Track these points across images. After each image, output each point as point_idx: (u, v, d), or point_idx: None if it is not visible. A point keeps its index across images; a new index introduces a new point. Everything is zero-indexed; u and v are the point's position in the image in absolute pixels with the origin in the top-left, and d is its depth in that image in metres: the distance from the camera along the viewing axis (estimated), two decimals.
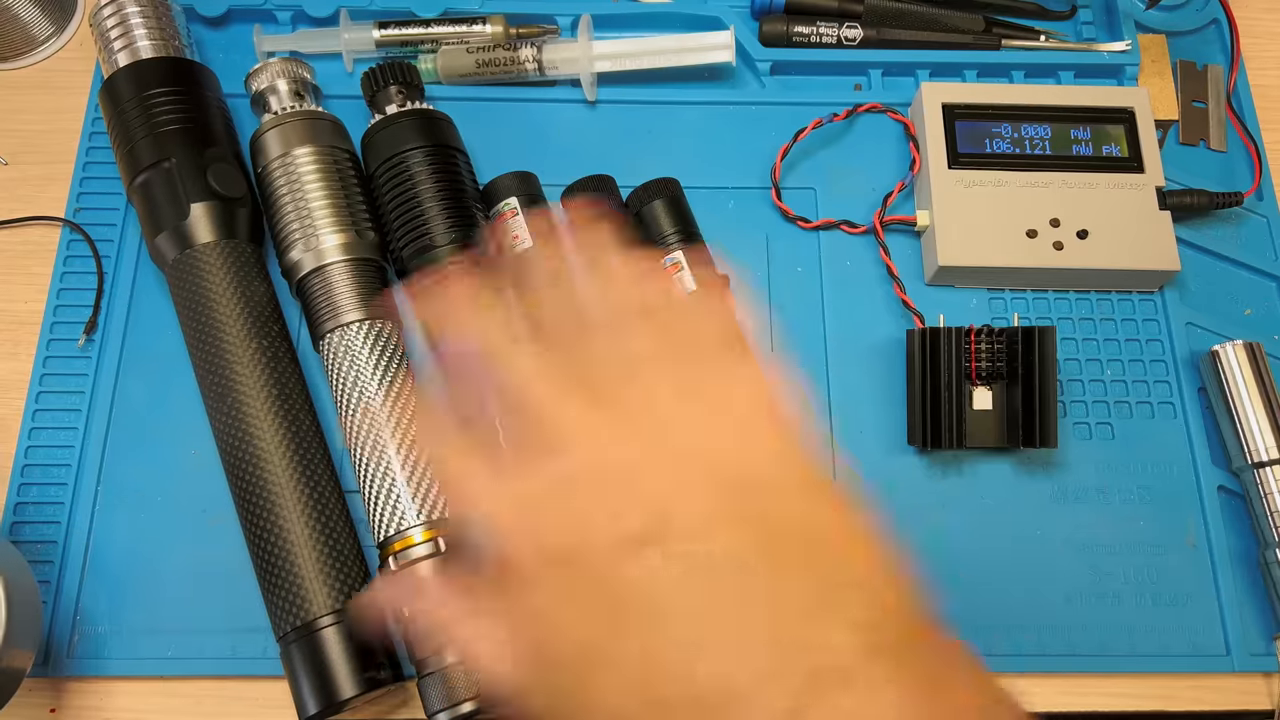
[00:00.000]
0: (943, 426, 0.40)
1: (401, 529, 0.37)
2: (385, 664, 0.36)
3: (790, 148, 0.45)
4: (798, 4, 0.49)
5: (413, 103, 0.43)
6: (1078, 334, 0.44)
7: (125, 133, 0.40)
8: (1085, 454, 0.42)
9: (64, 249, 0.44)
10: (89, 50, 0.48)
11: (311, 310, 0.40)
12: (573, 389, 0.24)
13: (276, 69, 0.42)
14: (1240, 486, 0.42)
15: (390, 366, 0.39)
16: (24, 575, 0.36)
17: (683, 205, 0.43)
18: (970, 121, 0.45)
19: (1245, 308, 0.45)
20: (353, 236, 0.40)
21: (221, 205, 0.40)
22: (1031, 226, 0.43)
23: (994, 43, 0.49)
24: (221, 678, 0.38)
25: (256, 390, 0.38)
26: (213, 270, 0.39)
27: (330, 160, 0.41)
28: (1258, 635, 0.40)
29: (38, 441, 0.41)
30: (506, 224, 0.42)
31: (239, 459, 0.37)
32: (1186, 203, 0.45)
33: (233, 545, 0.39)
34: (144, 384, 0.42)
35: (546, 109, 0.48)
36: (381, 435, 0.38)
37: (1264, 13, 0.52)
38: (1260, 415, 0.40)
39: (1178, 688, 0.39)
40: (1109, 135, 0.45)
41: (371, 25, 0.47)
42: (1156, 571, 0.40)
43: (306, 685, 0.35)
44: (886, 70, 0.49)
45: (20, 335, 0.43)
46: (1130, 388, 0.43)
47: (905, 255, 0.45)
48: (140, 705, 0.38)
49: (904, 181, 0.45)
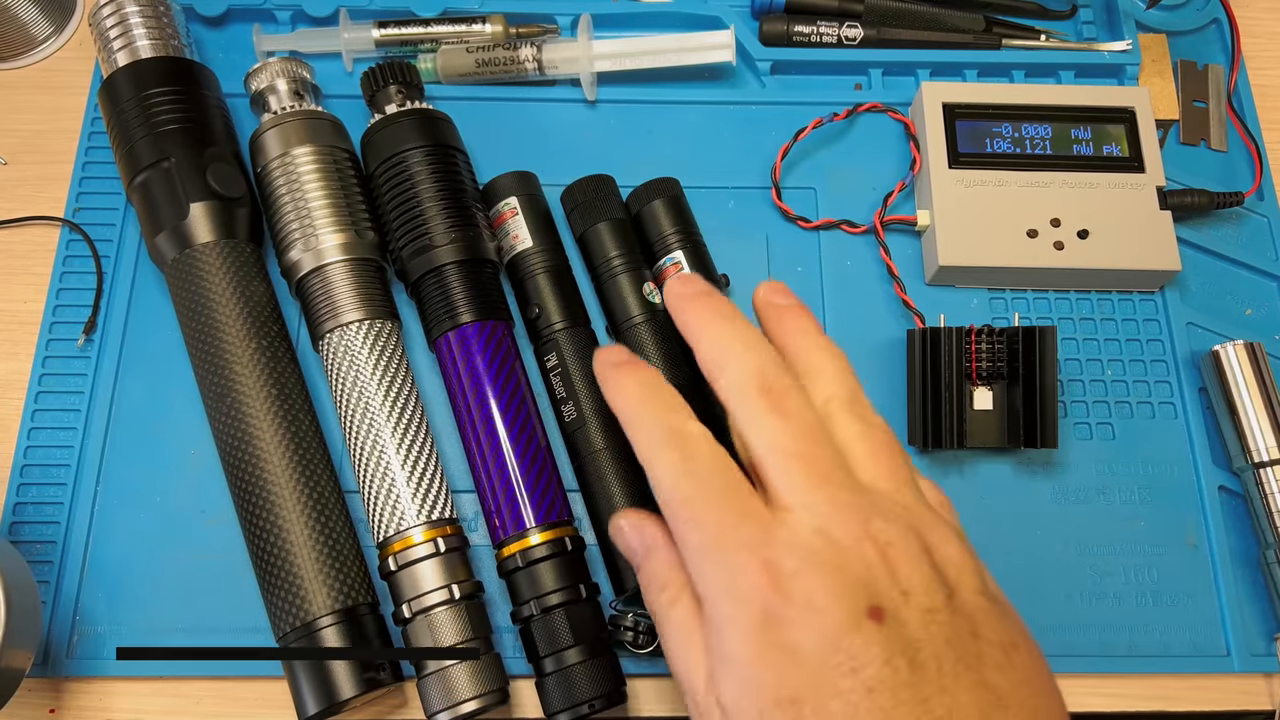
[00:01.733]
0: (943, 426, 0.40)
1: (401, 529, 0.37)
2: (385, 664, 0.36)
3: (790, 147, 0.45)
4: (798, 3, 0.49)
5: (412, 102, 0.42)
6: (1078, 334, 0.44)
7: (124, 132, 0.40)
8: (1085, 454, 0.42)
9: (63, 249, 0.44)
10: (88, 50, 0.48)
11: (311, 310, 0.40)
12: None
13: (276, 69, 0.42)
14: (1241, 486, 0.42)
15: (390, 366, 0.39)
16: (24, 575, 0.36)
17: (682, 205, 0.43)
18: (971, 121, 0.45)
19: (1246, 308, 0.45)
20: (352, 236, 0.40)
21: (221, 205, 0.40)
22: (1032, 226, 0.43)
23: (994, 42, 0.49)
24: (221, 678, 0.38)
25: (256, 390, 0.38)
26: (212, 270, 0.39)
27: (330, 160, 0.41)
28: (1258, 635, 0.40)
29: (37, 441, 0.41)
30: (506, 224, 0.42)
31: (239, 459, 0.37)
32: (1187, 202, 0.45)
33: (232, 545, 0.39)
34: (143, 384, 0.42)
35: (546, 109, 0.48)
36: (381, 435, 0.38)
37: (1264, 12, 0.52)
38: (1261, 415, 0.40)
39: (1178, 688, 0.39)
40: (1109, 135, 0.45)
41: (371, 25, 0.47)
42: (1156, 571, 0.40)
43: (306, 685, 0.35)
44: (887, 70, 0.49)
45: (19, 335, 0.43)
46: (1131, 388, 0.43)
47: (905, 255, 0.45)
48: (140, 705, 0.38)
49: (904, 181, 0.45)
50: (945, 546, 0.26)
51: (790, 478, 0.26)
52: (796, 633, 0.24)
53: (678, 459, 0.27)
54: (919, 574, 0.25)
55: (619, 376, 0.30)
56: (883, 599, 0.25)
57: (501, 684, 0.36)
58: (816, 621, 0.24)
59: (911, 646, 0.24)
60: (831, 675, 0.24)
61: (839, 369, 0.29)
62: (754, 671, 0.25)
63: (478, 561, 0.39)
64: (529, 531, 0.37)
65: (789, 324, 0.31)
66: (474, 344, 0.39)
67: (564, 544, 0.37)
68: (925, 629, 0.24)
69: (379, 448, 0.38)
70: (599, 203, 0.42)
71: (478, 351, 0.39)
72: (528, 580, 0.36)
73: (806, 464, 0.27)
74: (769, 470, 0.27)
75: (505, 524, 0.37)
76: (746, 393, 0.28)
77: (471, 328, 0.39)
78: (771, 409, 0.27)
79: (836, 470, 0.27)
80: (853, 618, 0.24)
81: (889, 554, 0.25)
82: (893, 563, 0.25)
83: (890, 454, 0.28)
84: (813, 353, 0.30)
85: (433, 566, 0.36)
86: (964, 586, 0.26)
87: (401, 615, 0.36)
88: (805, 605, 0.24)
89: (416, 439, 0.38)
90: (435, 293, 0.40)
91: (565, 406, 0.39)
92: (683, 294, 0.31)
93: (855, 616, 0.24)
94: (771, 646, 0.24)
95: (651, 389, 0.29)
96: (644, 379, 0.30)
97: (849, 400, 0.29)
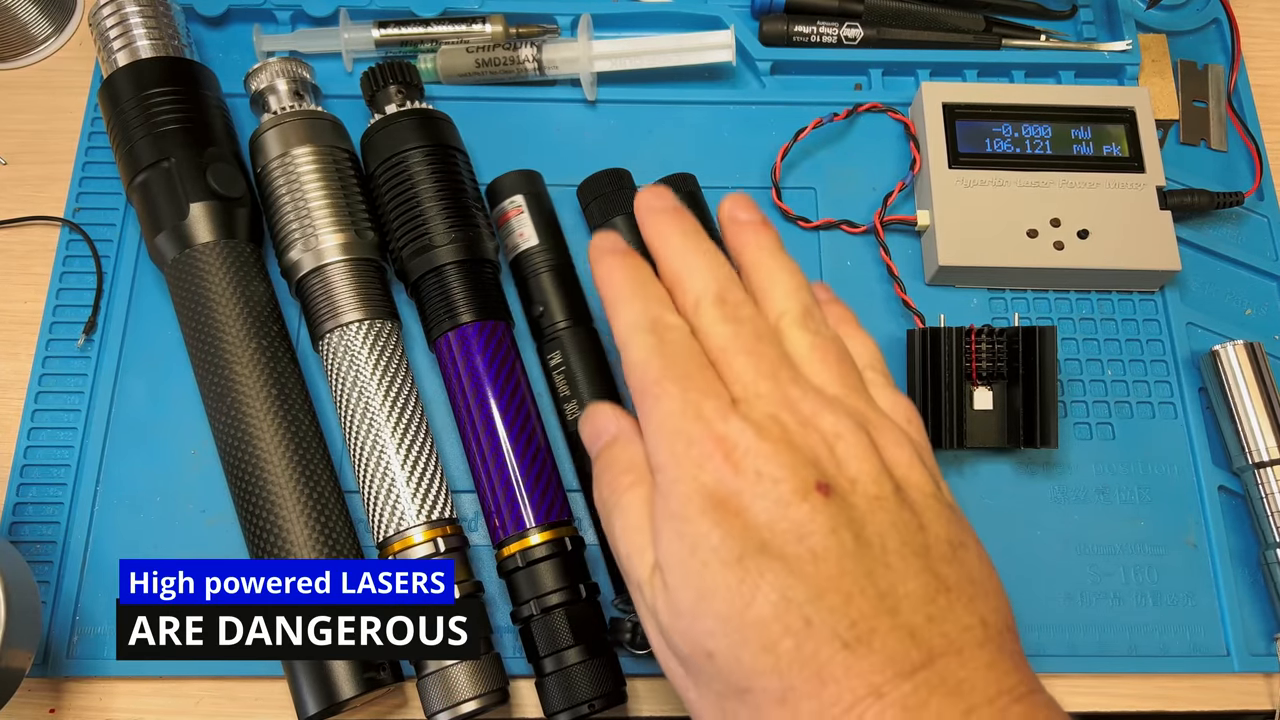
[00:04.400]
0: (943, 426, 0.40)
1: (401, 529, 0.37)
2: (385, 664, 0.36)
3: (790, 147, 0.45)
4: (798, 3, 0.49)
5: (412, 102, 0.43)
6: (1078, 334, 0.44)
7: (124, 132, 0.40)
8: (1085, 454, 0.42)
9: (63, 249, 0.44)
10: (88, 50, 0.48)
11: (311, 310, 0.40)
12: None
13: (276, 69, 0.42)
14: (1240, 486, 0.42)
15: (390, 366, 0.39)
16: (24, 575, 0.36)
17: (700, 201, 0.43)
18: (971, 121, 0.45)
19: (1246, 308, 0.45)
20: (352, 236, 0.40)
21: (221, 205, 0.40)
22: (1032, 226, 0.43)
23: (994, 42, 0.49)
24: (221, 678, 0.38)
25: (256, 390, 0.38)
26: (212, 270, 0.39)
27: (330, 160, 0.41)
28: (1258, 635, 0.40)
29: (37, 441, 0.41)
30: (510, 222, 0.42)
31: (238, 459, 0.37)
32: (1187, 202, 0.45)
33: (232, 545, 0.39)
34: (143, 384, 0.42)
35: (546, 109, 0.48)
36: (381, 435, 0.38)
37: (1264, 12, 0.52)
38: (1260, 415, 0.40)
39: (1178, 688, 0.39)
40: (1109, 135, 0.45)
41: (371, 25, 0.47)
42: (1156, 571, 0.40)
43: (306, 685, 0.35)
44: (887, 70, 0.49)
45: (20, 335, 0.43)
46: (1131, 388, 0.43)
47: (905, 255, 0.45)
48: (140, 705, 0.38)
49: (904, 181, 0.45)
50: (895, 448, 0.27)
51: (742, 373, 0.28)
52: (745, 500, 0.25)
53: (653, 342, 0.29)
54: (867, 465, 0.26)
55: (611, 261, 0.31)
56: (830, 480, 0.26)
57: (501, 684, 0.36)
58: (765, 490, 0.25)
59: (858, 523, 0.25)
60: (778, 541, 0.25)
61: (794, 285, 0.31)
62: (699, 528, 0.25)
63: (478, 561, 0.39)
64: (529, 531, 0.37)
65: (749, 239, 0.32)
66: (474, 344, 0.39)
67: (564, 544, 0.37)
68: (872, 513, 0.25)
69: (379, 448, 0.38)
70: (617, 195, 0.42)
71: (478, 351, 0.39)
72: (528, 580, 0.36)
73: (756, 360, 0.28)
74: (723, 369, 0.28)
75: (505, 524, 0.37)
76: (703, 303, 0.29)
77: (471, 328, 0.39)
78: (726, 318, 0.29)
79: (784, 369, 0.28)
80: (801, 489, 0.25)
81: (836, 446, 0.26)
82: (840, 455, 0.26)
83: (840, 361, 0.29)
84: (770, 268, 0.31)
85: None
86: (913, 485, 0.27)
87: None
88: (755, 476, 0.25)
89: (416, 439, 0.38)
90: (435, 293, 0.40)
91: (569, 405, 0.39)
92: (652, 207, 0.32)
93: (803, 488, 0.25)
94: (719, 508, 0.25)
95: (640, 279, 0.31)
96: (635, 268, 0.31)
97: (801, 314, 0.30)
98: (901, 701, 0.23)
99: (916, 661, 0.23)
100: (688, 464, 0.26)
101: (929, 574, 0.25)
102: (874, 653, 0.23)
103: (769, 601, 0.24)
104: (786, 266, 0.31)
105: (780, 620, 0.24)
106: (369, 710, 0.38)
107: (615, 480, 0.29)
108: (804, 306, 0.30)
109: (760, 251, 0.32)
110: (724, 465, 0.26)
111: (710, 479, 0.26)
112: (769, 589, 0.24)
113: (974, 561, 0.26)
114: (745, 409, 0.27)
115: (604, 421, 0.31)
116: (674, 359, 0.28)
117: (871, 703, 0.23)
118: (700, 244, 0.31)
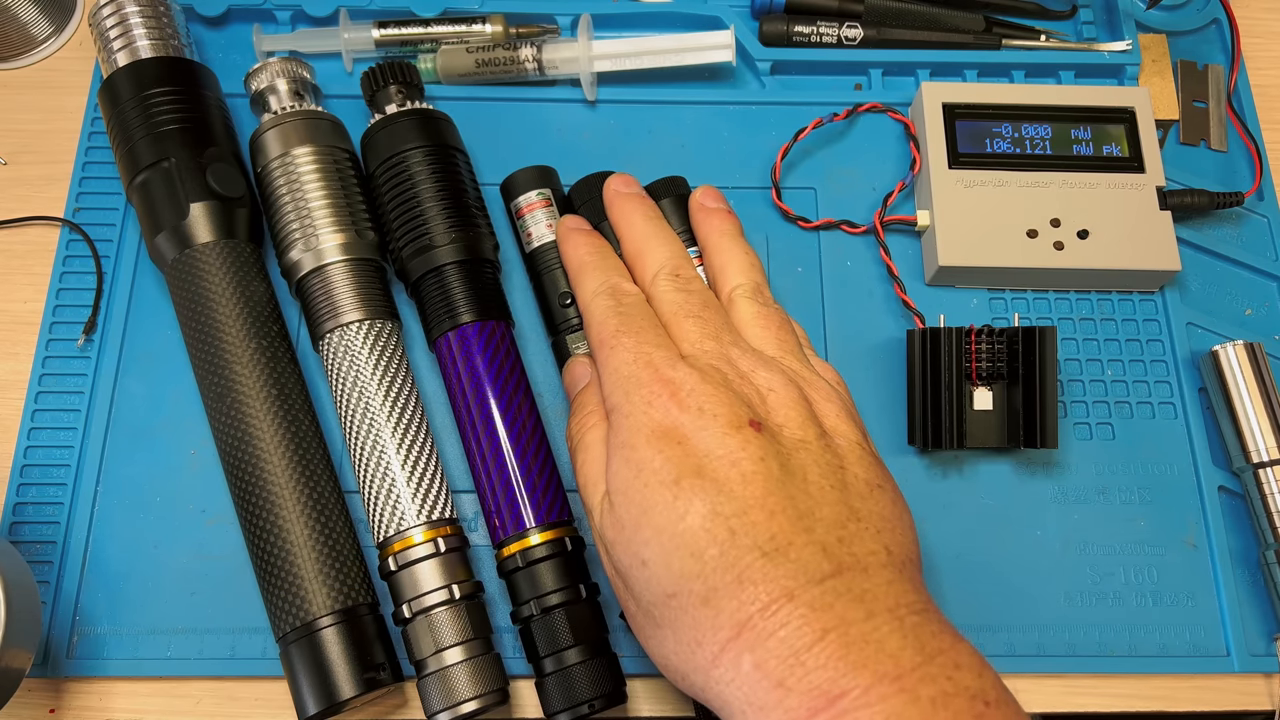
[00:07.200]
0: (943, 427, 0.40)
1: (401, 529, 0.37)
2: (385, 664, 0.36)
3: (790, 148, 0.45)
4: (798, 3, 0.49)
5: (412, 102, 0.42)
6: (1078, 334, 0.44)
7: (124, 132, 0.40)
8: (1085, 454, 0.42)
9: (63, 249, 0.44)
10: (88, 50, 0.48)
11: (311, 310, 0.40)
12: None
13: (276, 69, 0.42)
14: (1240, 487, 0.42)
15: (390, 366, 0.39)
16: (24, 575, 0.36)
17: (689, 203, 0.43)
18: (970, 121, 0.45)
19: (1246, 308, 0.45)
20: (352, 236, 0.40)
21: (221, 205, 0.40)
22: (1032, 226, 0.43)
23: (994, 42, 0.49)
24: (221, 678, 0.38)
25: (256, 390, 0.38)
26: (212, 270, 0.39)
27: (330, 160, 0.41)
28: (1258, 635, 0.40)
29: (37, 441, 0.41)
30: (536, 213, 0.41)
31: (238, 459, 0.37)
32: (1187, 202, 0.45)
33: (232, 545, 0.39)
34: (143, 384, 0.42)
35: (546, 109, 0.48)
36: (381, 435, 0.38)
37: (1264, 12, 0.52)
38: (1260, 415, 0.40)
39: (1178, 688, 0.39)
40: (1109, 135, 0.45)
41: (371, 25, 0.47)
42: (1156, 571, 0.40)
43: (306, 685, 0.35)
44: (887, 70, 0.49)
45: (19, 335, 0.43)
46: (1131, 388, 0.43)
47: (905, 255, 0.45)
48: (140, 705, 0.38)
49: (904, 181, 0.45)
50: (824, 403, 0.32)
51: (690, 333, 0.33)
52: (687, 431, 0.29)
53: (612, 304, 0.34)
54: (794, 412, 0.30)
55: (576, 238, 0.38)
56: (763, 420, 0.30)
57: (501, 684, 0.36)
58: (705, 424, 0.29)
59: (784, 455, 0.29)
60: (712, 465, 0.28)
61: (747, 264, 0.36)
62: (644, 455, 0.29)
63: (478, 561, 0.39)
64: (529, 531, 0.37)
65: (714, 224, 0.38)
66: (474, 344, 0.39)
67: (564, 544, 0.37)
68: (796, 450, 0.30)
69: (379, 448, 0.38)
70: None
71: (478, 351, 0.39)
72: (528, 580, 0.36)
73: (702, 324, 0.33)
74: (673, 330, 0.33)
75: (505, 524, 0.37)
76: (660, 276, 0.35)
77: (471, 328, 0.39)
78: (679, 288, 0.34)
79: (727, 332, 0.33)
80: (735, 423, 0.29)
81: (769, 397, 0.31)
82: (771, 404, 0.31)
83: (780, 328, 0.34)
84: (728, 249, 0.37)
85: (433, 566, 0.36)
86: (840, 434, 0.31)
87: (401, 615, 0.36)
88: (698, 411, 0.29)
89: (416, 439, 0.38)
90: (435, 293, 0.40)
91: None
92: (619, 191, 0.38)
93: (738, 423, 0.29)
94: (663, 438, 0.29)
95: (602, 252, 0.37)
96: (598, 244, 0.37)
97: (751, 289, 0.35)
98: (810, 603, 0.26)
99: (826, 571, 0.27)
100: (638, 401, 0.30)
101: (844, 505, 0.29)
102: (789, 562, 0.27)
103: (699, 514, 0.28)
104: (743, 248, 0.37)
105: (708, 531, 0.27)
106: (369, 710, 0.38)
107: (582, 420, 0.34)
108: (754, 283, 0.35)
109: (722, 236, 0.37)
110: (670, 402, 0.30)
111: (658, 414, 0.30)
112: (700, 504, 0.28)
113: (887, 502, 0.30)
114: (691, 361, 0.31)
115: (579, 370, 0.36)
116: (629, 318, 0.33)
117: (784, 603, 0.26)
118: (660, 227, 0.37)
